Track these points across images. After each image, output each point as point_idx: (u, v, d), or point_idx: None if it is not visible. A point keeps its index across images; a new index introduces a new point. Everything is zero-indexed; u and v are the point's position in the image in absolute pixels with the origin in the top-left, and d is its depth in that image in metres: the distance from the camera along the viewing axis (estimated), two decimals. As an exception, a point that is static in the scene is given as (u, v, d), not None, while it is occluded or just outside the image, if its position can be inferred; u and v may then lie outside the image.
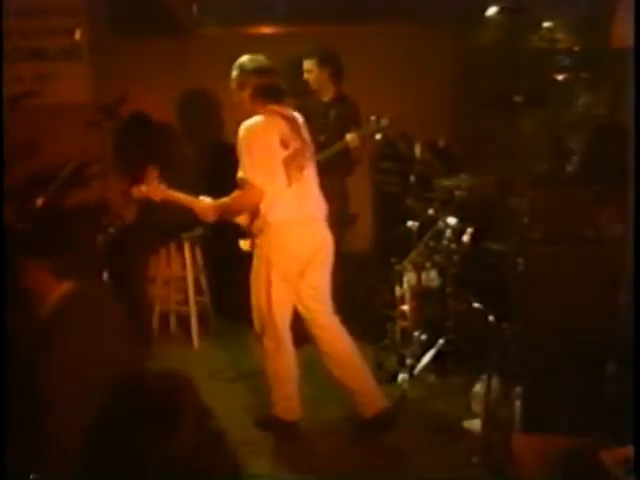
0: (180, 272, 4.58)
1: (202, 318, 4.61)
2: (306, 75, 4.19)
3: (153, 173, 4.28)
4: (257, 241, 3.20)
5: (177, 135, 4.50)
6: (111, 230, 4.25)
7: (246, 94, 3.18)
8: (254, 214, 3.15)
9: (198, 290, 4.60)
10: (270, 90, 3.17)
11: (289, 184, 3.11)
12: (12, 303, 2.37)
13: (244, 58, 3.25)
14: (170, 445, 1.06)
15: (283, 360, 3.31)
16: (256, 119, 3.09)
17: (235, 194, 3.15)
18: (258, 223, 3.15)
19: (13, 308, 2.40)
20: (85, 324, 2.22)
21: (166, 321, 4.74)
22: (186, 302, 4.53)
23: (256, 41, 4.82)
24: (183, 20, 4.57)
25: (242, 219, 3.25)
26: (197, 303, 4.55)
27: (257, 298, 3.26)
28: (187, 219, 4.43)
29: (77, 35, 4.64)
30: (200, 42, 4.73)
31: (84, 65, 4.70)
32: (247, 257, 4.81)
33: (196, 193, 4.68)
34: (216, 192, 4.81)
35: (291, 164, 3.12)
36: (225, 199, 3.20)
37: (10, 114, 4.01)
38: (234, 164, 4.68)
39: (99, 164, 4.23)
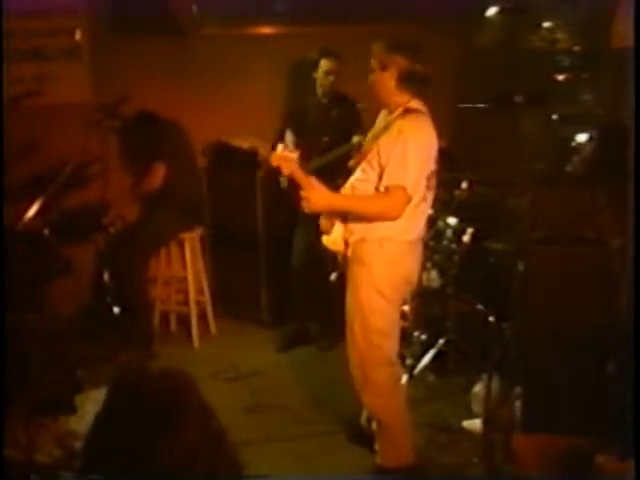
0: (180, 272, 4.58)
1: (202, 318, 4.61)
2: (329, 77, 4.16)
3: (160, 170, 4.29)
4: (364, 256, 2.79)
5: (183, 133, 4.50)
6: (111, 230, 4.25)
7: (390, 77, 2.73)
8: (369, 225, 2.76)
9: (198, 290, 4.60)
10: (419, 78, 2.73)
11: (420, 202, 2.76)
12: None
13: (390, 35, 2.79)
14: (172, 444, 1.06)
15: (401, 389, 2.99)
16: (418, 121, 2.71)
17: (378, 196, 2.71)
18: (374, 237, 2.76)
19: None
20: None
21: (166, 321, 4.75)
22: (186, 302, 4.53)
23: (256, 41, 4.83)
24: (183, 20, 4.56)
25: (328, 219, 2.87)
26: (197, 303, 4.55)
27: (363, 325, 2.81)
28: (187, 219, 4.47)
29: (77, 35, 4.64)
30: (200, 42, 4.73)
31: (84, 65, 4.69)
32: (247, 258, 4.82)
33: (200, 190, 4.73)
34: (217, 190, 4.85)
35: (430, 181, 2.78)
36: (358, 197, 2.79)
37: (10, 114, 4.01)
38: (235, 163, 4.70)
39: (99, 164, 4.23)
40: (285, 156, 2.82)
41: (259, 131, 4.83)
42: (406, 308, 3.96)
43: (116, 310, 4.07)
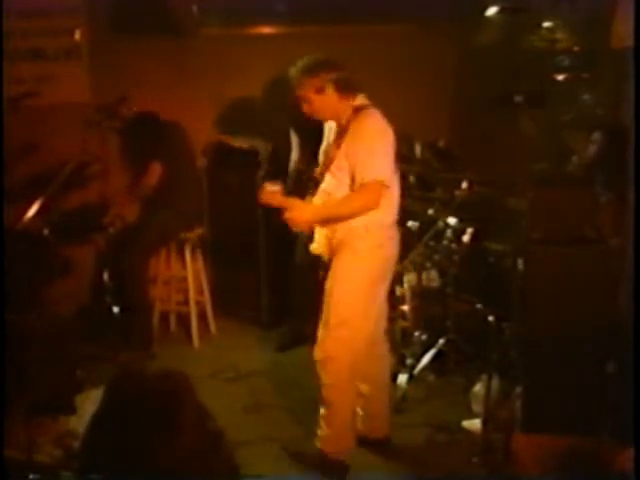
0: (180, 272, 4.58)
1: (202, 318, 4.61)
2: None
3: (156, 169, 4.29)
4: (355, 243, 2.90)
5: (182, 133, 4.51)
6: (111, 230, 4.26)
7: (330, 95, 2.88)
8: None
9: (198, 290, 4.60)
10: (351, 81, 2.92)
11: (391, 185, 2.90)
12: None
13: (303, 63, 2.93)
14: (169, 445, 1.06)
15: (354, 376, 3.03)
16: (369, 116, 2.86)
17: (355, 194, 2.86)
18: (359, 224, 2.88)
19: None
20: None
21: (166, 321, 4.74)
22: (186, 302, 4.53)
23: (256, 41, 4.83)
24: (183, 20, 4.56)
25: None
26: (197, 303, 4.55)
27: (334, 298, 2.91)
28: (187, 219, 4.47)
29: (77, 35, 4.64)
30: (200, 42, 4.73)
31: (84, 65, 4.69)
32: (247, 258, 4.82)
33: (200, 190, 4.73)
34: (217, 190, 4.85)
35: (395, 165, 2.92)
36: (336, 201, 2.91)
37: (10, 114, 4.01)
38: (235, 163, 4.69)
39: (99, 164, 4.23)
40: (271, 191, 3.02)
41: (259, 131, 4.83)
42: (406, 308, 3.97)
43: (116, 310, 4.07)
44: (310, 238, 3.06)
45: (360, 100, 2.92)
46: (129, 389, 1.13)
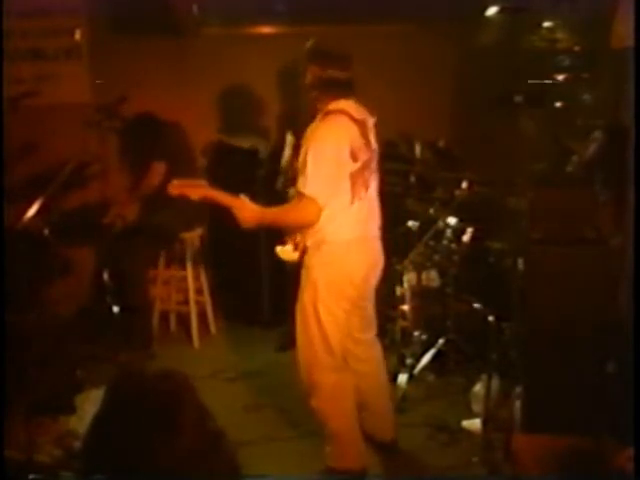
0: (180, 272, 4.58)
1: (202, 318, 4.61)
2: None
3: (159, 169, 4.29)
4: (306, 260, 2.83)
5: (182, 133, 4.51)
6: (111, 230, 4.26)
7: (308, 85, 2.81)
8: (307, 229, 2.80)
9: (198, 290, 4.59)
10: (333, 84, 2.76)
11: (352, 201, 2.75)
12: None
13: (309, 43, 2.84)
14: (169, 445, 1.06)
15: (350, 395, 2.96)
16: (327, 123, 2.72)
17: (291, 206, 2.83)
18: (312, 240, 2.79)
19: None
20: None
21: (166, 321, 4.75)
22: (186, 302, 4.53)
23: (256, 41, 4.83)
24: (183, 20, 4.57)
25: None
26: (197, 303, 4.55)
27: (306, 330, 2.84)
28: (187, 219, 4.46)
29: (77, 35, 4.65)
30: (200, 42, 4.73)
31: (84, 65, 4.70)
32: (248, 258, 4.82)
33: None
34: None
35: (358, 179, 2.75)
36: (277, 209, 2.83)
37: (10, 114, 4.01)
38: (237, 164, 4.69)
39: (99, 164, 4.23)
40: (188, 184, 2.82)
41: (259, 131, 4.83)
42: (406, 308, 3.97)
43: (116, 310, 4.07)
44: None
45: (335, 105, 2.76)
46: (129, 389, 1.13)
